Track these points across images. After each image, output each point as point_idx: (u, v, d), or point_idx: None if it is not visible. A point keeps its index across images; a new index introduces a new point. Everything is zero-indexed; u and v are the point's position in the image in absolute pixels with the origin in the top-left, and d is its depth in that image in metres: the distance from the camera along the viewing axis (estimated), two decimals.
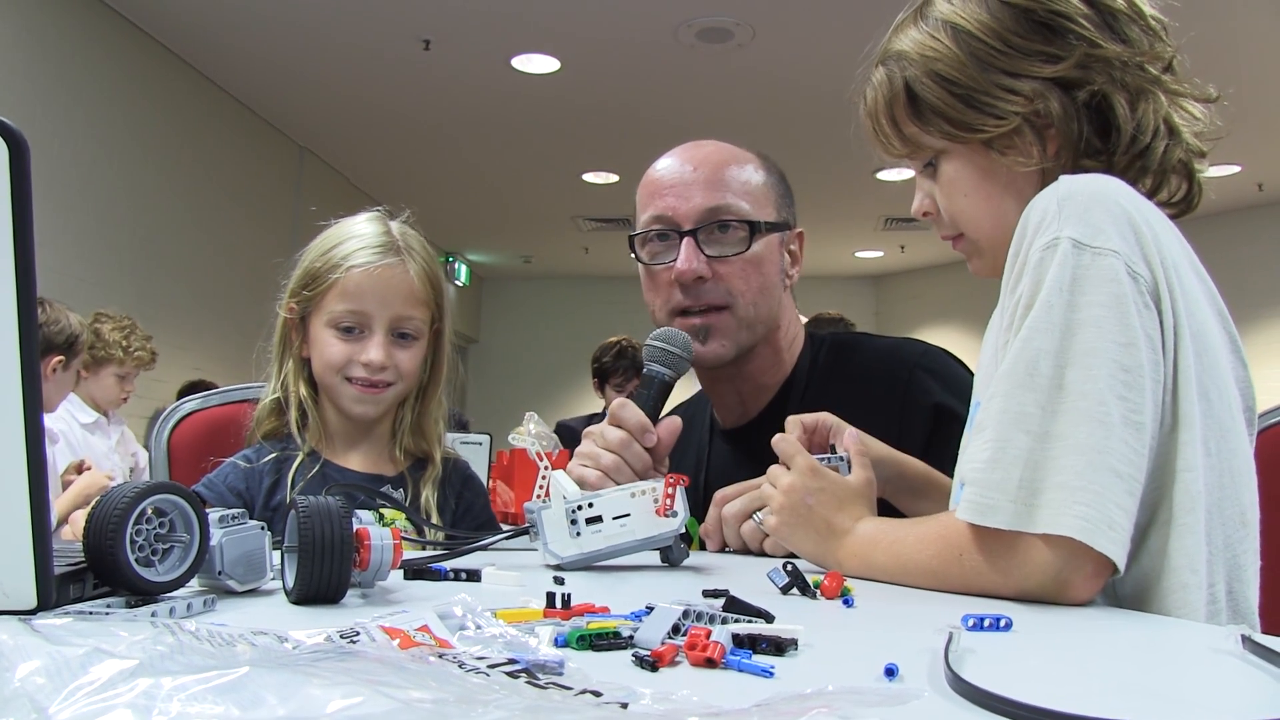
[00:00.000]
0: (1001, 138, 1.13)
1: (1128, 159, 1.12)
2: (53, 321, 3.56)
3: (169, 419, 1.91)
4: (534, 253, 11.91)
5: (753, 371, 1.65)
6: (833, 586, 0.94)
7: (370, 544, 0.87)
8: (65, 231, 5.19)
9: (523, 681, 0.52)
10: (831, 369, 1.65)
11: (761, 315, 1.59)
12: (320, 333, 1.58)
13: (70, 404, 4.00)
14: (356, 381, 1.58)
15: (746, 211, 1.57)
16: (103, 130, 5.61)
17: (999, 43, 1.12)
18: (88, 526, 0.75)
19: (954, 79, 1.13)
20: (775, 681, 0.60)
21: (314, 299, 1.58)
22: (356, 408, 1.60)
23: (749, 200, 1.58)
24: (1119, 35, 1.12)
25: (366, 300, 1.56)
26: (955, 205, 1.21)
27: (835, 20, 5.52)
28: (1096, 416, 0.92)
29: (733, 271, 1.56)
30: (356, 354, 1.56)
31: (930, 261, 11.44)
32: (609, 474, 1.41)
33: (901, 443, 1.40)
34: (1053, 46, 1.11)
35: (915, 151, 1.21)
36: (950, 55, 1.13)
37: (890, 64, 1.20)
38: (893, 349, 1.66)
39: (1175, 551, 0.96)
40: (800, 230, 1.68)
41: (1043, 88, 1.11)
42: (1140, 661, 0.78)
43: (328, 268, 1.57)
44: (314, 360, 1.61)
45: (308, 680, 0.39)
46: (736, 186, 1.58)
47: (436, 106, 7.19)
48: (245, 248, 6.84)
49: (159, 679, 0.40)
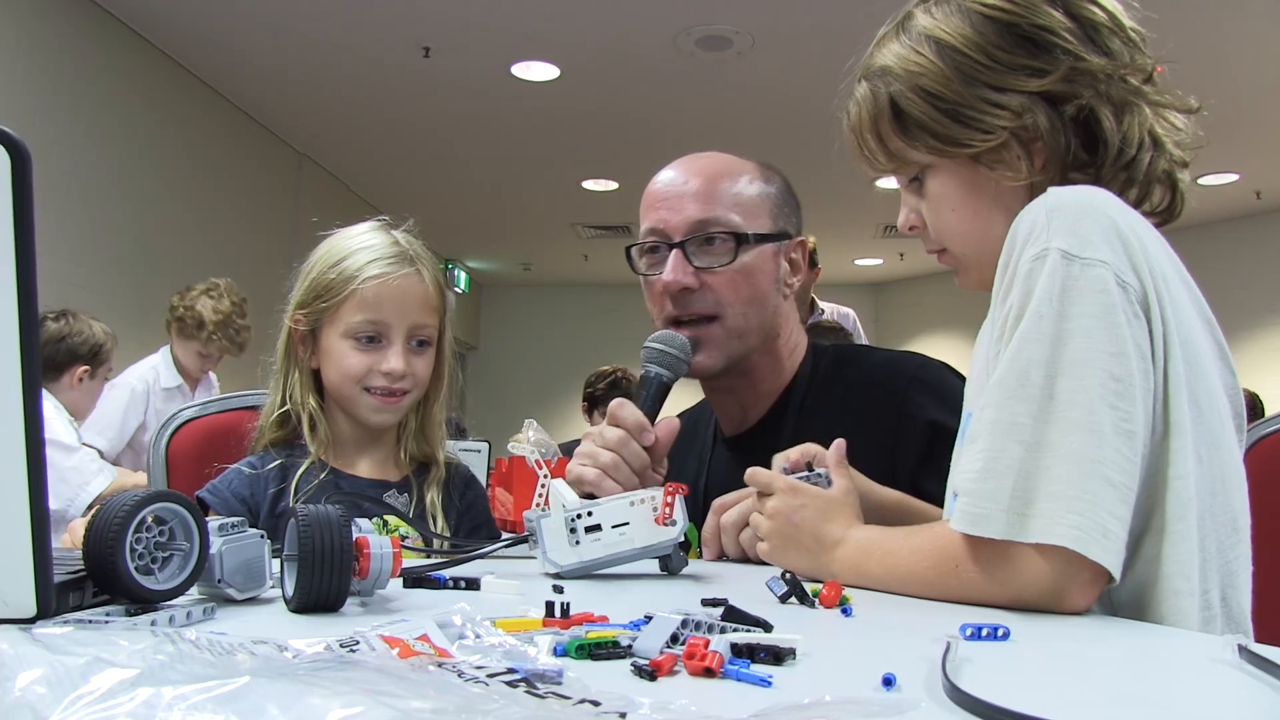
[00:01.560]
0: (989, 152, 1.13)
1: (1114, 171, 1.12)
2: (76, 333, 3.69)
3: (167, 426, 1.91)
4: (533, 260, 11.92)
5: (753, 380, 1.66)
6: (831, 595, 0.94)
7: (370, 552, 0.87)
8: (64, 239, 5.19)
9: (521, 691, 0.52)
10: (831, 380, 1.66)
11: (752, 325, 1.60)
12: (336, 344, 1.59)
13: (161, 365, 4.23)
14: (376, 391, 1.59)
15: (735, 223, 1.58)
16: (101, 137, 5.61)
17: (983, 57, 1.12)
18: (87, 534, 0.75)
19: (939, 94, 1.13)
20: (773, 691, 0.61)
21: (327, 311, 1.59)
22: (375, 417, 1.61)
23: (740, 212, 1.59)
24: (1101, 48, 1.13)
25: (385, 310, 1.58)
26: (942, 220, 1.21)
27: (834, 29, 5.53)
28: (1088, 426, 0.92)
29: (721, 282, 1.57)
30: (377, 364, 1.58)
31: (930, 269, 11.43)
32: (607, 471, 1.41)
33: (896, 457, 1.41)
34: (1037, 60, 1.11)
35: (901, 167, 1.21)
36: (935, 70, 1.13)
37: (874, 79, 1.19)
38: (890, 362, 1.66)
39: (1168, 559, 0.96)
40: (803, 239, 1.69)
41: (1029, 102, 1.11)
42: (1138, 671, 0.78)
43: (342, 279, 1.58)
44: (328, 371, 1.61)
45: (308, 689, 0.40)
46: (727, 199, 1.59)
47: (436, 114, 7.20)
48: (245, 255, 6.84)
49: (159, 688, 0.40)
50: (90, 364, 3.72)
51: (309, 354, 1.63)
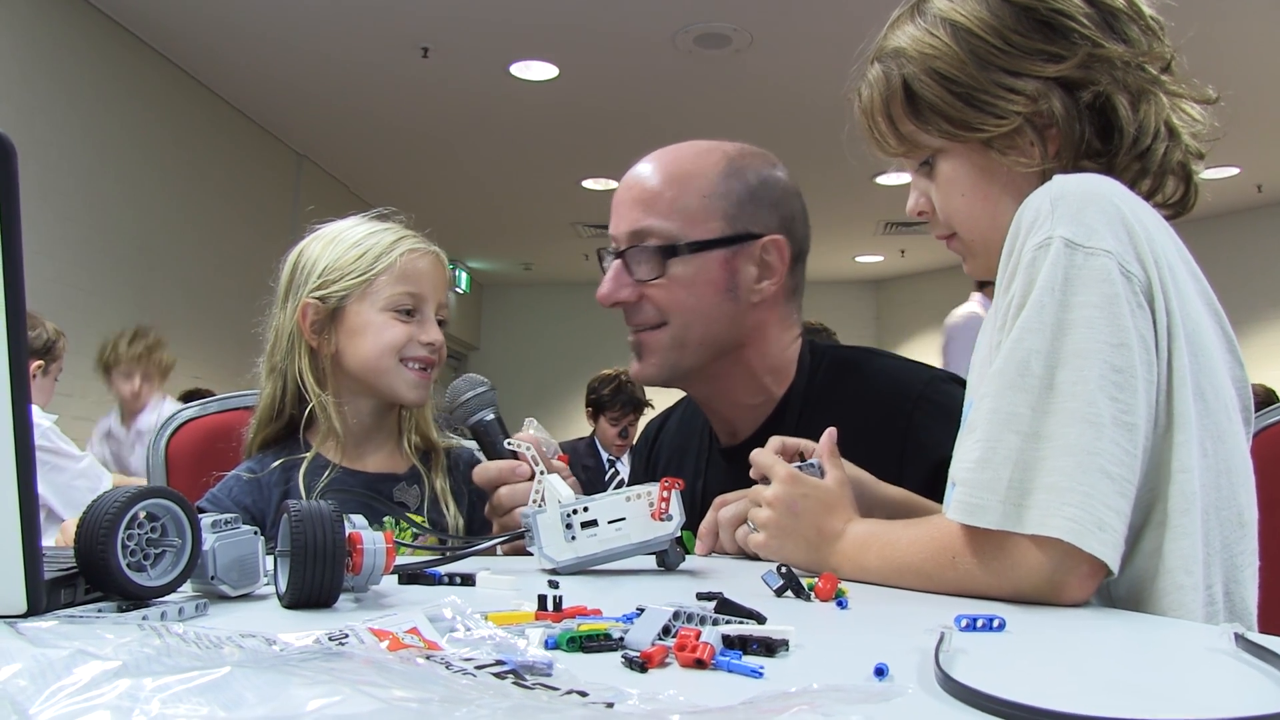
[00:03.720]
0: (1002, 138, 1.12)
1: (1128, 160, 1.11)
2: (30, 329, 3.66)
3: (167, 427, 1.91)
4: (534, 260, 11.92)
5: (723, 390, 1.60)
6: (827, 589, 0.94)
7: (363, 548, 0.87)
8: (64, 241, 5.20)
9: (509, 682, 0.52)
10: (830, 390, 1.57)
11: (697, 336, 1.52)
12: (373, 318, 1.58)
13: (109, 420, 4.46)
14: (413, 364, 1.59)
15: (668, 232, 1.50)
16: (101, 139, 5.61)
17: (999, 40, 1.10)
18: (79, 530, 0.75)
19: (954, 77, 1.12)
20: (764, 682, 0.60)
21: (357, 287, 1.58)
22: (412, 393, 1.60)
23: (680, 218, 1.50)
24: (1120, 35, 1.11)
25: (423, 283, 1.61)
26: (952, 204, 1.19)
27: (833, 26, 5.53)
28: (1087, 417, 0.91)
29: (658, 293, 1.51)
30: (417, 334, 1.59)
31: (930, 266, 11.44)
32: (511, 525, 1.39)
33: (901, 483, 1.36)
34: (1054, 45, 1.10)
35: (912, 150, 1.20)
36: (949, 53, 1.12)
37: (887, 61, 1.17)
38: (895, 378, 1.56)
39: (1170, 553, 0.95)
40: (777, 237, 1.54)
41: (1044, 87, 1.09)
42: (1133, 660, 0.77)
43: (374, 254, 1.59)
44: (359, 348, 1.58)
45: (289, 680, 0.39)
46: (663, 205, 1.51)
47: (435, 114, 7.20)
48: (244, 256, 6.84)
49: (140, 679, 0.40)
50: (44, 359, 3.72)
51: (324, 338, 1.60)
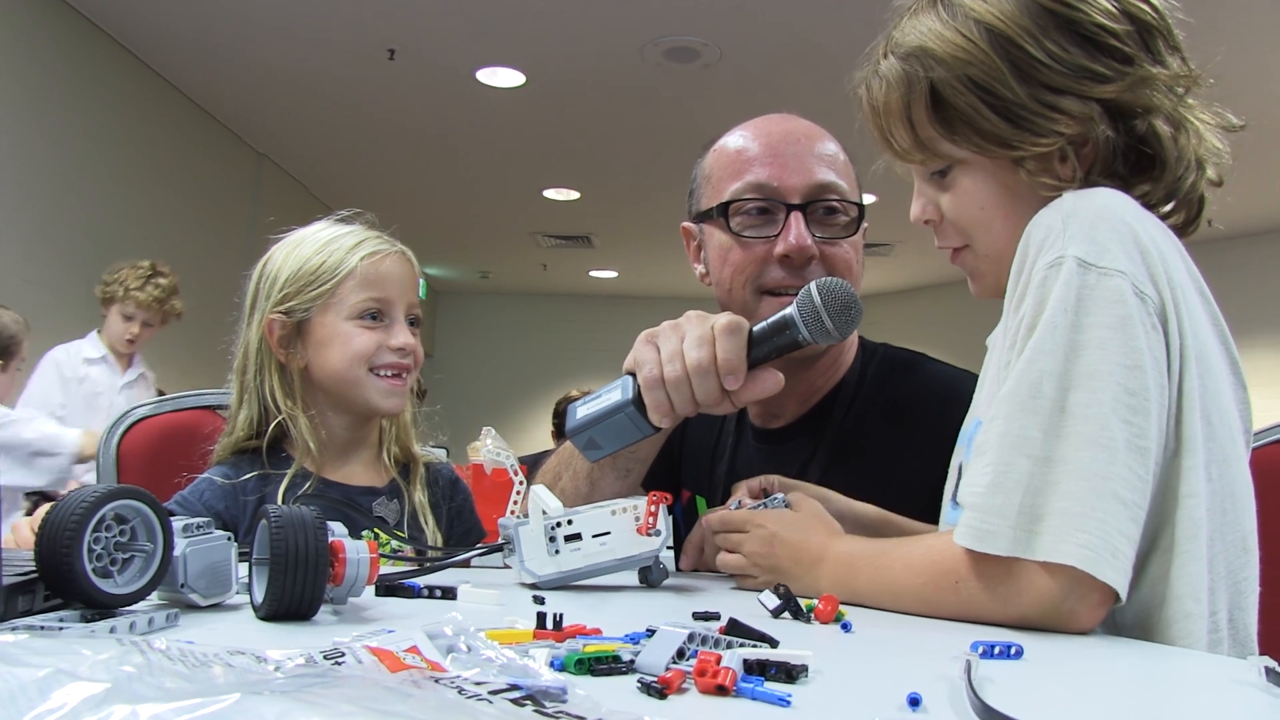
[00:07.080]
0: (1035, 158, 1.05)
1: (1158, 190, 1.06)
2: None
3: (119, 425, 1.82)
4: (492, 268, 11.81)
5: (819, 369, 1.52)
6: (828, 610, 0.90)
7: (345, 557, 0.82)
8: (10, 233, 5.03)
9: (529, 710, 0.48)
10: (882, 385, 1.53)
11: None
12: (339, 328, 1.52)
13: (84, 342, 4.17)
14: (384, 372, 1.53)
15: (849, 193, 1.45)
16: (53, 130, 5.45)
17: (1042, 53, 1.02)
18: (41, 532, 0.69)
19: (991, 89, 1.04)
20: (793, 711, 0.56)
21: (321, 297, 1.52)
22: (386, 401, 1.55)
23: (849, 183, 1.46)
24: (1156, 56, 1.05)
25: (388, 286, 1.55)
26: (968, 216, 1.12)
27: (802, 42, 5.54)
28: (1100, 441, 0.89)
29: (836, 255, 1.43)
30: (385, 340, 1.53)
31: (896, 286, 11.44)
32: (668, 388, 1.17)
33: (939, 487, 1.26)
34: (1096, 64, 1.03)
35: (929, 158, 1.12)
36: (987, 61, 1.03)
37: (910, 60, 1.08)
38: (948, 381, 1.50)
39: (1178, 579, 0.93)
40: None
41: (1091, 110, 1.03)
42: (1164, 694, 0.75)
43: (335, 261, 1.53)
44: (328, 359, 1.52)
45: (308, 710, 0.34)
46: (840, 166, 1.47)
47: (399, 116, 7.10)
48: (200, 254, 6.68)
49: (134, 706, 0.34)
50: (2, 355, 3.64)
51: (293, 352, 1.54)
